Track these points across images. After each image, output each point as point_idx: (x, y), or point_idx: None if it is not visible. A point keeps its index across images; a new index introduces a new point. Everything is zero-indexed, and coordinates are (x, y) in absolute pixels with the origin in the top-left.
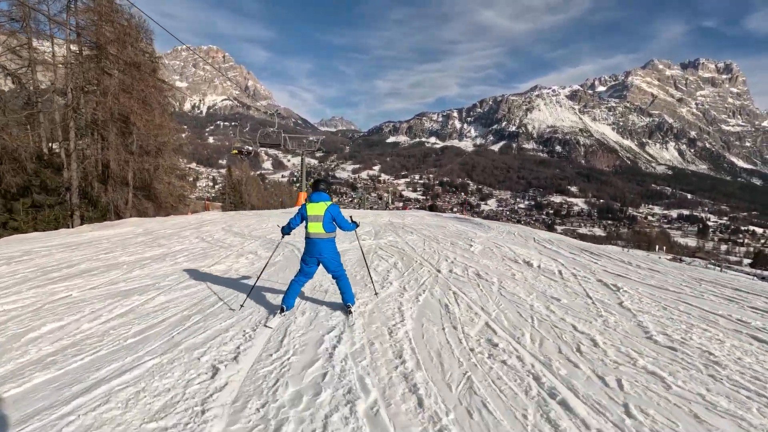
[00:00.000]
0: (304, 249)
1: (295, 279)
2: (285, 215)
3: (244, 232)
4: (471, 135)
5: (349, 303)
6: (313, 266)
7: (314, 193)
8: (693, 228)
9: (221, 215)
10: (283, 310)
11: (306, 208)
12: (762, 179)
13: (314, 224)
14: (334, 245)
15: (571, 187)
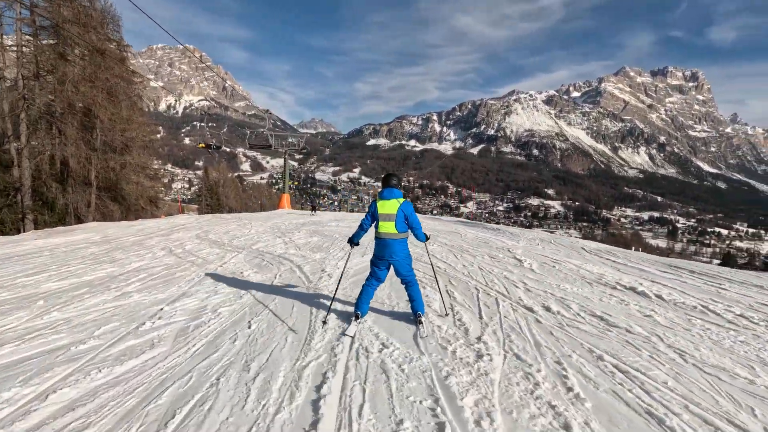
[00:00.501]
0: (375, 251)
1: (367, 284)
2: (269, 219)
3: (223, 240)
4: (451, 138)
5: (420, 312)
6: (384, 269)
7: (385, 189)
8: (663, 230)
9: (196, 219)
10: (358, 317)
11: (377, 205)
12: (726, 183)
13: (386, 224)
14: (407, 247)
15: (548, 190)
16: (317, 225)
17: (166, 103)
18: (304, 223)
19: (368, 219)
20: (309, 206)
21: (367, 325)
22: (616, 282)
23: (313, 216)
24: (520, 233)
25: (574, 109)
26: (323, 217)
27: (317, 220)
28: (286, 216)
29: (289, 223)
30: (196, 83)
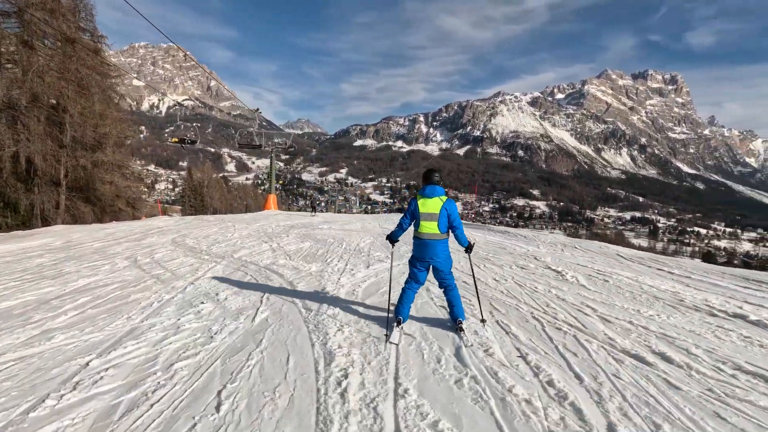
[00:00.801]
0: (414, 251)
1: (407, 287)
2: (255, 221)
3: (201, 246)
4: (437, 139)
5: (461, 318)
6: (424, 271)
7: (428, 186)
8: (644, 229)
9: (176, 221)
10: (400, 322)
11: (417, 204)
12: (704, 183)
13: (428, 223)
14: (448, 248)
15: (533, 191)
16: (308, 228)
17: (149, 103)
18: (293, 226)
19: (408, 218)
20: (309, 207)
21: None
22: (706, 304)
23: (314, 217)
24: (532, 236)
25: (558, 110)
26: (313, 219)
27: (307, 223)
28: (273, 217)
29: (276, 226)
30: (180, 82)
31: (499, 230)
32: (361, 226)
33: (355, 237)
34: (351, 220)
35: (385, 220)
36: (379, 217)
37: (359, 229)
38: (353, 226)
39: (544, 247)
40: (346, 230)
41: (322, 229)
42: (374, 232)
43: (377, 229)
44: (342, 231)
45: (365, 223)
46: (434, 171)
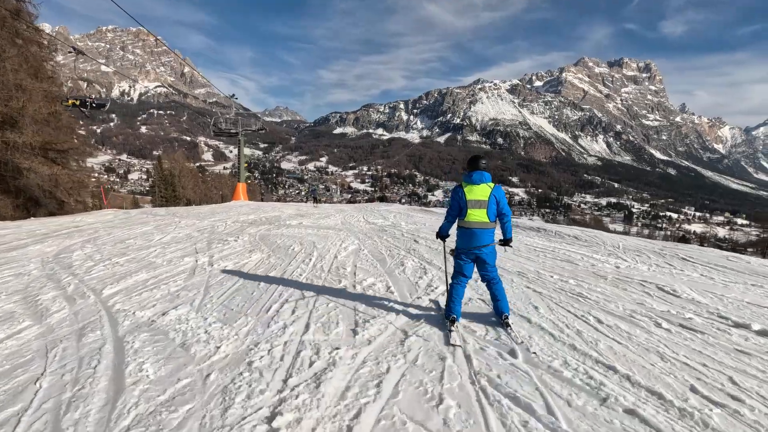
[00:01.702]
0: (459, 242)
1: (455, 282)
2: (213, 214)
3: (81, 268)
4: (417, 127)
5: (506, 313)
6: (470, 263)
7: (474, 172)
8: (620, 214)
9: (113, 216)
10: (453, 321)
11: (464, 191)
12: (676, 169)
13: (477, 211)
14: (494, 238)
15: (513, 178)
16: (272, 224)
17: (120, 89)
18: (254, 222)
19: (455, 207)
20: (311, 198)
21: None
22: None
23: (316, 209)
24: (588, 237)
25: (536, 98)
26: (283, 212)
27: (273, 217)
28: (236, 210)
29: (233, 222)
30: (152, 68)
31: (530, 227)
32: (341, 221)
33: (333, 239)
34: (330, 213)
35: (370, 211)
36: (363, 208)
37: (338, 225)
38: (331, 221)
39: (629, 257)
40: (320, 228)
41: (289, 227)
42: (360, 230)
43: (362, 225)
44: (315, 229)
45: (346, 215)
46: (481, 157)
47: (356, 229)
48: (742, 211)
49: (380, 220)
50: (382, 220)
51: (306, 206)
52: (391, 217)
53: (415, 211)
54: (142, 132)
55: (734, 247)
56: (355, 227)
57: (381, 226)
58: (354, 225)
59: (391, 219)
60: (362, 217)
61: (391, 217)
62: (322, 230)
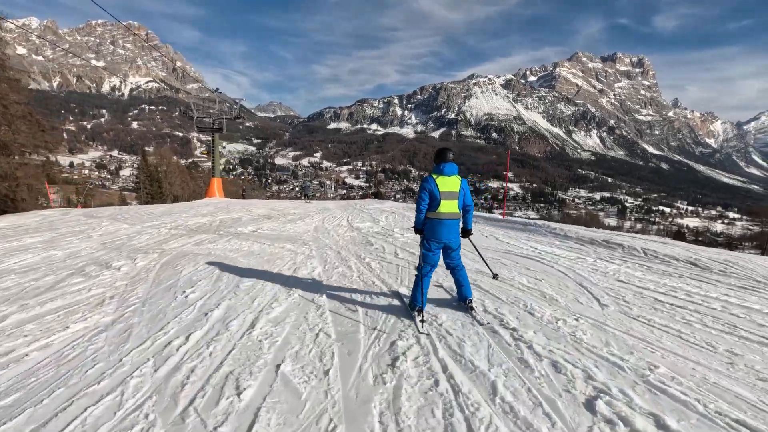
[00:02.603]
0: (428, 233)
1: (424, 272)
2: (167, 214)
3: None
4: (412, 122)
5: (469, 297)
6: (438, 252)
7: (446, 164)
8: (613, 209)
9: (62, 215)
10: (420, 311)
11: (436, 183)
12: (668, 164)
13: (449, 203)
14: (460, 227)
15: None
16: (216, 234)
17: (110, 85)
18: (201, 226)
19: (426, 198)
20: (302, 194)
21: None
22: None
23: (308, 204)
24: (615, 240)
25: (531, 93)
26: (251, 212)
27: (233, 220)
28: (197, 209)
29: (171, 228)
30: (143, 63)
31: (514, 222)
32: (315, 225)
33: (280, 266)
34: (309, 212)
35: (359, 211)
36: (351, 206)
37: (309, 232)
38: (301, 227)
39: (644, 267)
40: (279, 239)
41: (238, 236)
42: (335, 242)
43: (343, 232)
44: (269, 242)
45: (326, 216)
46: (449, 149)
47: (331, 239)
48: (734, 205)
49: (368, 224)
50: (370, 224)
51: (284, 204)
52: (383, 219)
53: (411, 211)
54: (133, 128)
55: (729, 242)
56: (332, 236)
57: (368, 233)
58: (331, 232)
59: (383, 222)
60: (346, 219)
61: (382, 218)
62: (278, 244)
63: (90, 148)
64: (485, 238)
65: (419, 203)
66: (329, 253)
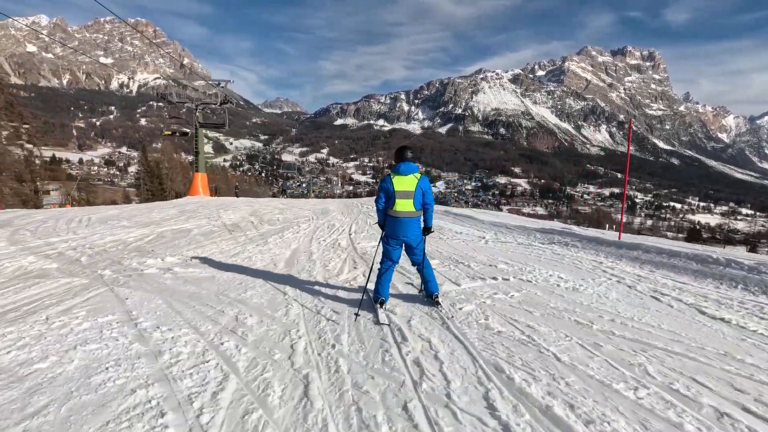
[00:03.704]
0: (388, 230)
1: (384, 267)
2: (161, 211)
3: None
4: (419, 117)
5: (435, 292)
6: (398, 248)
7: (402, 163)
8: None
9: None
10: (383, 303)
11: (392, 181)
12: (679, 159)
13: (404, 201)
14: (420, 226)
15: (515, 168)
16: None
17: (119, 82)
18: (112, 248)
19: (382, 197)
20: (281, 191)
21: None
22: None
23: (305, 205)
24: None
25: (539, 88)
26: (227, 215)
27: (172, 234)
28: (153, 214)
29: (69, 247)
30: (151, 60)
31: (549, 230)
32: (293, 250)
33: None
34: (298, 218)
35: (366, 214)
36: (357, 206)
37: (275, 275)
38: (271, 254)
39: None
40: (198, 300)
41: (127, 284)
42: (322, 325)
43: (345, 266)
44: (157, 326)
45: (318, 228)
46: (408, 148)
47: (312, 300)
48: (747, 201)
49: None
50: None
51: (273, 204)
52: None
53: (437, 215)
54: (141, 124)
55: (747, 240)
56: (315, 287)
57: None
58: (318, 269)
59: None
60: (348, 232)
61: None
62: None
63: (99, 145)
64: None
65: (376, 201)
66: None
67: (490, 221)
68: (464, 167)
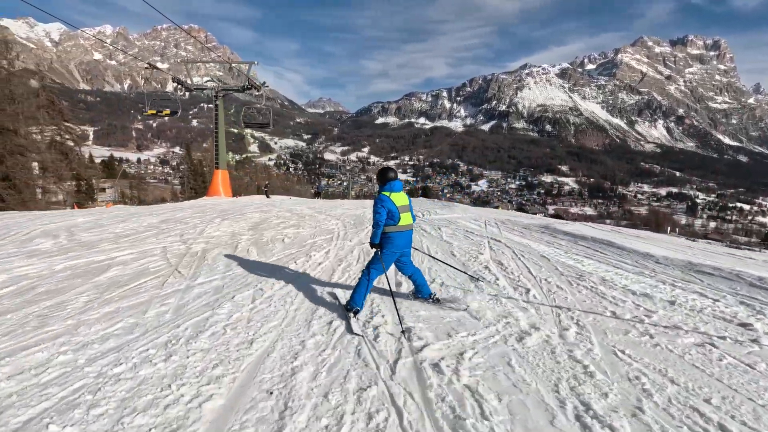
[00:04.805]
0: (390, 245)
1: (370, 276)
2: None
3: None
4: (461, 115)
5: (430, 292)
6: (392, 261)
7: (394, 181)
8: (682, 206)
9: None
10: (357, 312)
11: (391, 199)
12: (748, 156)
13: (406, 215)
14: None
15: (562, 167)
16: None
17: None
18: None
19: (384, 215)
20: (264, 192)
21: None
22: None
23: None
24: None
25: (588, 82)
26: (202, 236)
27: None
28: (138, 219)
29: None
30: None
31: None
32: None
33: None
34: (317, 238)
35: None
36: None
37: None
38: (375, 224)
39: None
40: None
41: None
42: None
43: None
44: None
45: (318, 278)
46: (391, 169)
47: None
48: None
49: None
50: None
51: (305, 208)
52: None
53: (534, 233)
54: (193, 125)
55: None
56: None
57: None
58: None
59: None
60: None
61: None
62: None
63: (155, 145)
64: None
65: (378, 221)
66: None
67: (662, 257)
68: (508, 165)
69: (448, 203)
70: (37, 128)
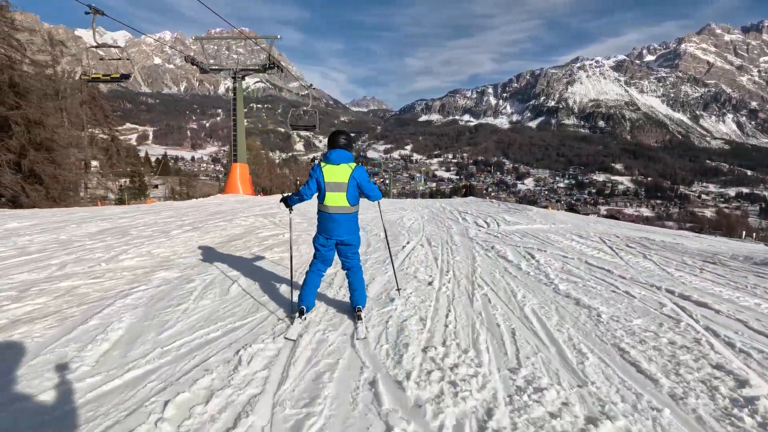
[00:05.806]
0: (319, 227)
1: (313, 270)
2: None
3: None
4: (507, 111)
5: (360, 305)
6: (331, 250)
7: (333, 150)
8: (754, 207)
9: None
10: (302, 312)
11: (322, 171)
12: None
13: (335, 195)
14: (357, 224)
15: (616, 165)
16: None
17: (225, 87)
18: None
19: (311, 187)
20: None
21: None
22: None
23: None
24: None
25: (647, 74)
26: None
27: None
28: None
29: None
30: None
31: None
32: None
33: None
34: (404, 218)
35: (494, 263)
36: (439, 216)
37: None
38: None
39: None
40: None
41: None
42: None
43: None
44: None
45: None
46: (341, 133)
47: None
48: None
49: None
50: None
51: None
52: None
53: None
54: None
55: None
56: None
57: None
58: None
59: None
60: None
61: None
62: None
63: (208, 144)
64: None
65: (303, 192)
66: None
67: None
68: (556, 164)
69: (514, 205)
70: (79, 125)
